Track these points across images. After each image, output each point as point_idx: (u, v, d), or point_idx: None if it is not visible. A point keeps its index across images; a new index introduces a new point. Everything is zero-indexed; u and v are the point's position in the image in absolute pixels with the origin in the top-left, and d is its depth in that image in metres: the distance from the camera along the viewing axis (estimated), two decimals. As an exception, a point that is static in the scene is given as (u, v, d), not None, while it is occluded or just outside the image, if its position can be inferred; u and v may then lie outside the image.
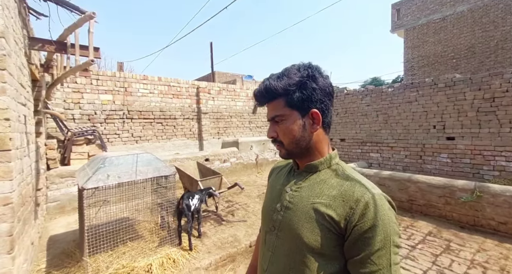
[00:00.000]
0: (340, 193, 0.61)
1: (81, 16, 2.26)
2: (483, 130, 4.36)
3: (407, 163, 5.38)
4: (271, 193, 0.78)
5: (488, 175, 4.33)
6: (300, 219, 0.63)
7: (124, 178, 2.46)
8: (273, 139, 0.70)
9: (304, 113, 0.66)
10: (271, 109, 0.69)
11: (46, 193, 3.72)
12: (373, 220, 0.55)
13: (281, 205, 0.70)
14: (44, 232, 3.20)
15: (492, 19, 9.69)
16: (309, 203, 0.63)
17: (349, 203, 0.59)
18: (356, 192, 0.60)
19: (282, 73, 0.67)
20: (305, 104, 0.65)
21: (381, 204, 0.58)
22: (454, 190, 3.36)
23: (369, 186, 0.62)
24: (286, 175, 0.76)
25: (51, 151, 3.85)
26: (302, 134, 0.67)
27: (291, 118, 0.66)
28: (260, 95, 0.69)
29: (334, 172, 0.67)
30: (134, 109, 5.64)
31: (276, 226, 0.69)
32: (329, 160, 0.69)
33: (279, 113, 0.67)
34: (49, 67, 3.46)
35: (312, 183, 0.67)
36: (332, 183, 0.64)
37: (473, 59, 10.32)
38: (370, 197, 0.58)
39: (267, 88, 0.66)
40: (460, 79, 4.64)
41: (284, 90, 0.65)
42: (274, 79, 0.67)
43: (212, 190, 3.33)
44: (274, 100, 0.67)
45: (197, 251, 2.72)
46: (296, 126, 0.66)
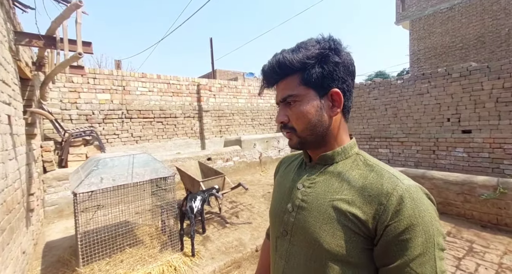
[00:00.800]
0: (365, 186, 0.51)
1: (67, 6, 2.07)
2: (503, 121, 4.08)
3: (419, 158, 5.13)
4: (279, 191, 0.68)
5: (509, 170, 4.06)
6: (317, 220, 0.53)
7: (119, 180, 2.28)
8: (283, 124, 0.59)
9: (323, 93, 0.56)
10: (282, 89, 0.58)
11: (43, 197, 3.59)
12: (411, 218, 0.45)
13: (292, 204, 0.60)
14: (41, 238, 3.06)
15: (503, 6, 9.27)
16: (327, 201, 0.54)
17: (378, 197, 0.49)
18: (385, 184, 0.50)
19: (298, 46, 0.56)
20: (325, 82, 0.55)
21: (419, 197, 0.48)
22: (474, 187, 3.13)
23: (401, 176, 0.52)
24: (297, 170, 0.66)
25: (47, 153, 3.71)
26: (320, 118, 0.56)
27: (307, 98, 0.55)
28: (271, 71, 0.57)
29: (355, 163, 0.57)
30: (133, 109, 5.48)
31: (289, 230, 0.59)
32: (348, 149, 0.59)
33: (293, 93, 0.56)
34: (41, 65, 3.29)
35: (328, 176, 0.57)
36: (354, 175, 0.54)
37: (483, 49, 9.92)
38: (404, 189, 0.48)
39: (280, 62, 0.55)
40: (476, 68, 4.36)
41: (301, 64, 0.54)
42: (289, 52, 0.55)
43: (216, 190, 3.15)
44: (287, 78, 0.56)
45: (200, 257, 2.55)
46: (313, 109, 0.55)
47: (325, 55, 0.54)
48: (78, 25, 2.13)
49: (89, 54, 2.65)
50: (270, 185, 5.25)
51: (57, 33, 2.51)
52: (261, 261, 0.85)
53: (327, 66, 0.54)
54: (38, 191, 3.17)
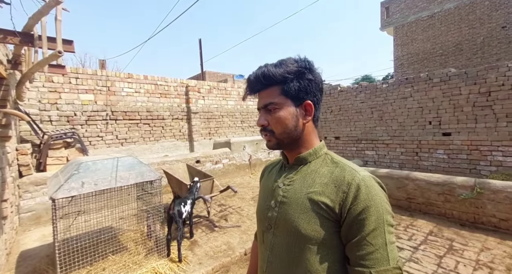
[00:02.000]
0: (332, 179, 0.62)
1: (46, 1, 1.97)
2: (480, 125, 4.31)
3: (403, 160, 5.31)
4: (264, 192, 0.77)
5: (485, 171, 4.28)
6: (296, 211, 0.62)
7: (102, 185, 2.19)
8: (263, 127, 0.68)
9: (298, 103, 0.66)
10: (264, 97, 0.67)
11: (18, 203, 3.38)
12: (366, 201, 0.56)
13: (275, 201, 0.68)
14: (15, 247, 2.87)
15: (478, 16, 9.85)
16: (303, 194, 0.63)
17: (341, 187, 0.59)
18: (346, 176, 0.60)
19: (279, 62, 0.66)
20: (300, 95, 0.65)
21: (371, 184, 0.58)
22: (454, 187, 3.27)
23: (358, 168, 0.62)
24: (278, 172, 0.75)
25: (24, 156, 3.50)
26: (295, 124, 0.66)
27: (285, 107, 0.65)
28: (256, 80, 0.66)
29: (324, 161, 0.67)
30: (118, 110, 5.30)
31: (272, 224, 0.68)
32: (318, 151, 0.69)
33: (274, 101, 0.65)
34: (17, 64, 3.12)
35: (303, 174, 0.66)
36: (323, 172, 0.65)
37: (461, 56, 10.48)
38: (361, 178, 0.59)
39: (265, 74, 0.64)
40: (455, 73, 4.58)
41: (282, 77, 0.64)
42: (272, 66, 0.65)
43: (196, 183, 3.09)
44: (270, 88, 0.66)
45: (187, 263, 2.48)
46: (290, 115, 0.65)
47: (301, 72, 0.64)
48: (58, 22, 2.03)
49: (70, 53, 2.54)
50: (259, 187, 5.24)
51: (35, 30, 2.39)
52: (251, 261, 0.93)
53: (302, 82, 0.64)
54: (12, 196, 2.98)
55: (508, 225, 2.90)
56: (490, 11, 9.58)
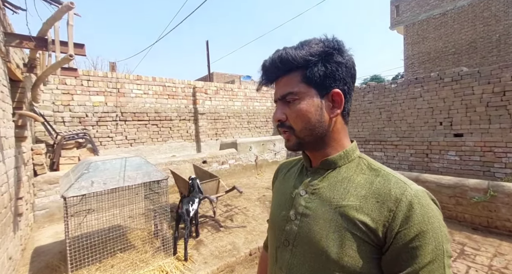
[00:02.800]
0: (372, 192, 0.49)
1: (59, 7, 2.06)
2: (494, 126, 4.15)
3: (413, 161, 5.18)
4: (279, 198, 0.64)
5: (499, 173, 4.12)
6: (323, 229, 0.51)
7: (110, 184, 2.25)
8: (280, 122, 0.56)
9: (324, 93, 0.54)
10: (282, 86, 0.56)
11: (33, 200, 3.51)
12: (421, 225, 0.44)
13: (295, 212, 0.56)
14: (30, 243, 2.99)
15: (494, 13, 9.50)
16: (333, 207, 0.51)
17: (387, 203, 0.47)
18: (393, 189, 0.48)
19: (301, 43, 0.55)
20: (326, 82, 0.53)
21: (427, 203, 0.46)
22: (466, 190, 3.17)
23: (407, 180, 0.50)
24: (298, 175, 0.63)
25: (38, 156, 3.65)
26: (319, 118, 0.54)
27: (307, 97, 0.54)
28: (272, 66, 0.55)
29: (359, 167, 0.55)
30: (127, 111, 5.44)
31: (291, 240, 0.55)
32: (350, 153, 0.57)
33: (293, 90, 0.54)
34: (33, 67, 3.25)
35: (332, 182, 0.55)
36: (359, 181, 0.52)
37: (475, 55, 10.13)
38: (413, 194, 0.47)
39: (282, 58, 0.53)
40: (467, 72, 4.44)
41: (304, 60, 0.52)
42: (292, 48, 0.54)
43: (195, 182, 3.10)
44: (288, 75, 0.55)
45: (193, 262, 2.52)
46: (313, 108, 0.54)
47: (328, 54, 0.53)
48: (69, 27, 2.11)
49: (81, 56, 2.63)
50: (265, 188, 5.24)
51: (49, 35, 2.49)
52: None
53: (330, 65, 0.53)
54: (27, 194, 3.11)
55: (523, 230, 2.78)
56: (506, 7, 9.22)
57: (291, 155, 7.55)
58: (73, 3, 1.93)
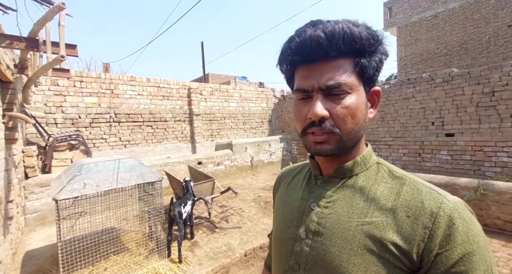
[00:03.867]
0: (400, 205, 0.41)
1: (50, 8, 2.03)
2: (483, 125, 4.24)
3: (406, 161, 5.25)
4: (285, 212, 0.54)
5: (489, 172, 4.21)
6: (343, 251, 0.42)
7: (103, 186, 2.23)
8: (319, 121, 0.43)
9: (368, 89, 0.46)
10: (329, 72, 0.42)
11: (23, 203, 3.45)
12: (465, 245, 0.36)
13: (306, 229, 0.47)
14: (21, 247, 2.94)
15: (483, 15, 9.73)
16: (354, 225, 0.43)
17: (420, 219, 0.39)
18: (426, 202, 0.40)
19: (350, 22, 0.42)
20: (375, 76, 0.44)
21: (469, 217, 0.39)
22: (457, 188, 3.23)
23: (442, 191, 0.42)
24: (305, 185, 0.54)
25: (29, 158, 3.58)
26: (365, 119, 0.45)
27: (359, 92, 0.44)
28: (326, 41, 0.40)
29: (379, 175, 0.47)
30: (121, 112, 5.39)
31: (302, 263, 0.46)
32: (368, 158, 0.48)
33: (347, 81, 0.42)
34: (24, 68, 3.20)
35: (349, 193, 0.46)
36: (382, 191, 0.44)
37: (466, 56, 10.35)
38: (452, 207, 0.39)
39: (346, 33, 0.40)
40: (458, 73, 4.54)
41: (369, 43, 0.41)
42: (349, 23, 0.41)
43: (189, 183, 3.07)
44: (338, 59, 0.42)
45: (187, 263, 2.50)
46: (363, 106, 0.44)
47: (383, 42, 0.43)
48: (61, 28, 2.09)
49: (73, 57, 2.60)
50: (261, 188, 5.25)
51: (40, 35, 2.46)
52: None
53: (383, 57, 0.44)
54: (18, 197, 3.05)
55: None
56: (495, 9, 9.45)
57: (287, 156, 7.57)
58: (65, 3, 1.92)
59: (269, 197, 4.52)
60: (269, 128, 8.51)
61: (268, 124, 8.51)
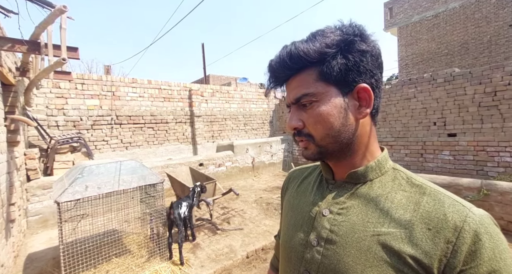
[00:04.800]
0: (420, 216, 0.39)
1: (51, 11, 2.04)
2: (486, 125, 4.22)
3: (408, 161, 5.23)
4: (294, 217, 0.53)
5: (492, 172, 4.18)
6: (358, 262, 0.40)
7: (105, 188, 2.23)
8: (296, 131, 0.47)
9: (347, 90, 0.45)
10: (295, 87, 0.46)
11: (26, 206, 3.46)
12: (492, 262, 0.35)
13: (317, 236, 0.46)
14: (22, 250, 2.94)
15: (484, 14, 9.70)
16: (369, 235, 0.41)
17: (443, 233, 0.37)
18: (450, 214, 0.38)
19: (313, 34, 0.45)
20: (349, 76, 0.44)
21: (496, 232, 0.37)
22: (460, 189, 3.20)
23: (466, 203, 0.40)
24: (316, 189, 0.53)
25: (31, 161, 3.59)
26: (344, 121, 0.45)
27: (327, 97, 0.44)
28: (280, 65, 0.46)
29: (396, 182, 0.45)
30: (123, 114, 5.40)
31: (313, 271, 0.45)
32: (383, 163, 0.47)
33: (309, 91, 0.44)
34: (25, 71, 3.23)
35: (364, 200, 0.45)
36: (399, 200, 0.42)
37: (467, 56, 10.32)
38: (478, 221, 0.37)
39: (292, 54, 0.44)
40: (459, 73, 4.52)
41: (319, 53, 0.43)
42: (302, 41, 0.45)
43: (200, 188, 3.07)
44: (301, 73, 0.45)
45: (189, 266, 2.50)
46: (336, 110, 0.44)
47: (349, 42, 0.43)
48: (62, 31, 2.10)
49: (75, 59, 2.62)
50: (262, 190, 5.23)
51: (42, 38, 2.47)
52: None
53: (352, 56, 0.43)
54: (20, 200, 3.06)
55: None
56: (496, 9, 9.43)
57: (288, 157, 7.56)
58: (66, 6, 1.93)
59: (270, 198, 4.51)
60: (270, 129, 8.51)
61: (269, 126, 8.51)
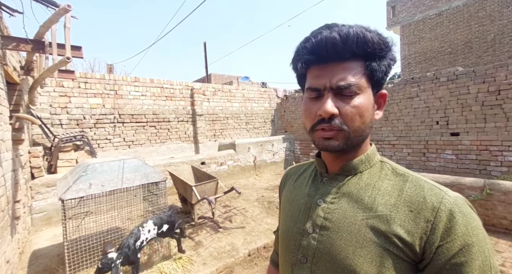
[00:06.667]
0: (403, 200, 0.44)
1: (56, 10, 2.06)
2: (489, 124, 4.19)
3: (410, 160, 5.21)
4: (291, 209, 0.57)
5: (495, 171, 4.16)
6: (350, 244, 0.44)
7: (108, 186, 2.25)
8: (328, 118, 0.45)
9: (376, 91, 0.48)
10: (340, 72, 0.45)
11: (30, 203, 3.50)
12: (465, 237, 0.39)
13: (313, 224, 0.50)
14: (27, 246, 2.98)
15: (488, 13, 9.61)
16: (359, 219, 0.45)
17: (422, 213, 0.41)
18: (428, 197, 0.42)
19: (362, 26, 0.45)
20: (383, 80, 0.47)
21: (469, 211, 0.41)
22: (462, 188, 3.20)
23: (442, 187, 0.44)
24: (311, 182, 0.56)
25: (36, 159, 3.63)
26: (371, 119, 0.48)
27: (367, 93, 0.46)
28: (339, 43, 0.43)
29: (382, 172, 0.49)
30: (125, 113, 5.43)
31: (309, 256, 0.48)
32: (372, 157, 0.51)
33: (357, 82, 0.44)
34: (30, 70, 3.25)
35: (354, 189, 0.49)
36: (385, 187, 0.47)
37: (471, 54, 10.23)
38: (452, 202, 0.41)
39: (359, 36, 0.43)
40: (463, 72, 4.49)
41: (379, 48, 0.44)
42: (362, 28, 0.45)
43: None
44: (350, 61, 0.45)
45: (192, 263, 2.52)
46: (370, 106, 0.47)
47: (390, 47, 0.46)
48: (66, 30, 2.12)
49: (78, 58, 2.63)
50: (264, 188, 5.25)
51: (46, 38, 2.49)
52: None
53: (391, 61, 0.47)
54: (25, 197, 3.09)
55: (520, 228, 2.81)
56: (500, 7, 9.33)
57: (290, 156, 7.56)
58: (70, 5, 1.94)
59: (272, 197, 4.52)
60: (271, 128, 8.51)
61: (271, 124, 8.51)
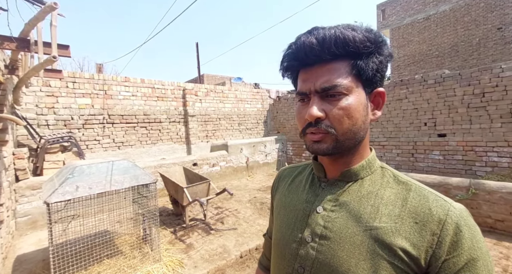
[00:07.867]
0: (408, 211, 0.42)
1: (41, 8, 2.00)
2: (474, 126, 4.33)
3: (399, 161, 5.32)
4: (287, 215, 0.54)
5: (480, 171, 4.30)
6: (351, 256, 0.42)
7: (96, 188, 2.20)
8: (315, 121, 0.44)
9: (369, 90, 0.46)
10: (324, 74, 0.43)
11: (14, 207, 3.38)
12: (471, 251, 0.38)
13: (311, 233, 0.47)
14: (11, 251, 2.87)
15: (473, 18, 9.95)
16: (362, 229, 0.43)
17: (429, 225, 0.40)
18: (434, 208, 0.41)
19: (347, 26, 0.44)
20: (376, 77, 0.45)
21: (473, 224, 0.41)
22: (449, 188, 3.29)
23: (447, 198, 0.43)
24: (309, 187, 0.53)
25: (20, 161, 3.51)
26: (364, 120, 0.45)
27: (356, 93, 0.44)
28: (319, 46, 0.42)
29: (384, 179, 0.48)
30: (115, 113, 5.32)
31: (307, 267, 0.46)
32: (372, 162, 0.49)
33: (342, 83, 0.43)
34: (14, 69, 3.14)
35: (356, 197, 0.46)
36: (388, 196, 0.45)
37: (457, 58, 10.57)
38: (458, 215, 0.40)
39: (338, 38, 0.42)
40: (449, 75, 4.62)
41: (363, 45, 0.42)
42: (344, 28, 0.43)
43: None
44: (334, 62, 0.44)
45: (182, 266, 2.48)
46: (361, 107, 0.44)
47: (382, 44, 0.44)
48: (53, 28, 2.06)
49: (66, 57, 2.57)
50: (256, 189, 5.24)
51: (32, 36, 2.42)
52: None
53: (383, 58, 0.45)
54: (8, 201, 2.98)
55: (504, 226, 2.90)
56: (485, 12, 9.69)
57: (282, 157, 7.58)
58: (57, 3, 1.89)
59: (264, 198, 4.52)
60: (264, 129, 8.52)
61: (264, 125, 8.52)
